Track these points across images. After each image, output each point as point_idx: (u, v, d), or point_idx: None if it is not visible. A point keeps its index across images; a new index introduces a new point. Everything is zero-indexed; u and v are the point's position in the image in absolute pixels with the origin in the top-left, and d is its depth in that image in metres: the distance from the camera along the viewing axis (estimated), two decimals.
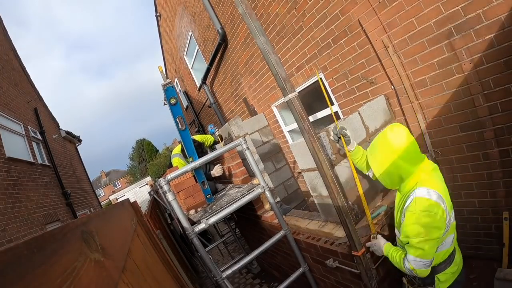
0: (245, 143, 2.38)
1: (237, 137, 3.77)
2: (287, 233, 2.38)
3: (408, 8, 1.99)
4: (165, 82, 2.17)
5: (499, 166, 1.93)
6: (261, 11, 3.46)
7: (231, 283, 2.26)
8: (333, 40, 2.69)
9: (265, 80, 4.12)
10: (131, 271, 0.96)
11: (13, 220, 4.55)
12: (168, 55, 9.33)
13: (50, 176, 6.94)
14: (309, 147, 1.68)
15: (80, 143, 11.27)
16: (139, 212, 2.25)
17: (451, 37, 1.83)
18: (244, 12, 1.59)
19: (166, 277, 1.59)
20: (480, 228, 2.22)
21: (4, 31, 7.60)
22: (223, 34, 4.55)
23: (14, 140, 5.95)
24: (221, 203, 2.58)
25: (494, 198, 2.04)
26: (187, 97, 8.88)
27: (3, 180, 4.74)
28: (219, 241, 4.98)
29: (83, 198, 8.82)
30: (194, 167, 2.25)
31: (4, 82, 6.39)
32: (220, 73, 5.55)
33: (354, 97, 2.76)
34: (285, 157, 4.39)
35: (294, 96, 1.62)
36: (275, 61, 1.61)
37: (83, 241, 0.66)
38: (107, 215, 1.10)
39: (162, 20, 8.60)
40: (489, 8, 1.62)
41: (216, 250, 5.60)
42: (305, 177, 2.26)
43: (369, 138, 2.23)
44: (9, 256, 0.37)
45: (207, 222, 2.20)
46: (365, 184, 2.13)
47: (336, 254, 1.97)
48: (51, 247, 0.50)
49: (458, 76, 1.90)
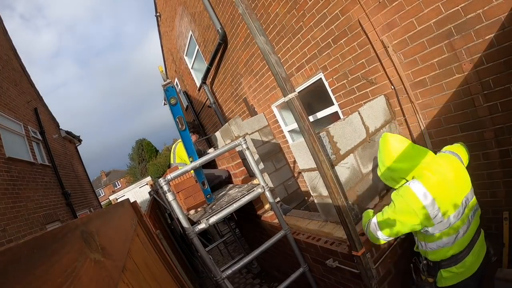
0: (245, 143, 2.38)
1: (237, 137, 3.78)
2: (287, 233, 2.38)
3: (408, 8, 1.99)
4: (165, 82, 2.17)
5: (499, 166, 1.93)
6: (261, 11, 3.46)
7: (231, 283, 2.26)
8: (333, 40, 2.69)
9: (265, 80, 4.12)
10: (131, 271, 0.96)
11: (13, 220, 4.55)
12: (168, 55, 9.33)
13: (50, 176, 6.94)
14: (309, 147, 1.68)
15: (80, 143, 11.27)
16: (139, 212, 2.25)
17: (451, 37, 1.83)
18: (244, 12, 1.59)
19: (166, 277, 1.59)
20: None
21: (4, 31, 7.60)
22: (223, 34, 4.55)
23: (14, 140, 5.95)
24: (221, 203, 2.58)
25: (494, 198, 2.03)
26: (187, 97, 8.87)
27: (3, 180, 4.74)
28: (219, 241, 4.98)
29: (83, 198, 8.82)
30: (194, 167, 2.25)
31: (4, 82, 6.39)
32: (220, 73, 5.55)
33: (354, 97, 2.76)
34: (285, 157, 4.39)
35: (294, 96, 1.62)
36: (275, 61, 1.61)
37: (83, 241, 0.66)
38: (107, 215, 1.10)
39: (162, 20, 8.59)
40: (489, 8, 1.62)
41: (216, 250, 5.60)
42: (305, 177, 2.26)
43: (369, 138, 2.23)
44: (9, 256, 0.37)
45: (207, 222, 2.20)
46: (366, 184, 2.14)
47: (336, 254, 1.97)
48: (51, 247, 0.50)
49: (458, 76, 1.90)
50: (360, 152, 2.14)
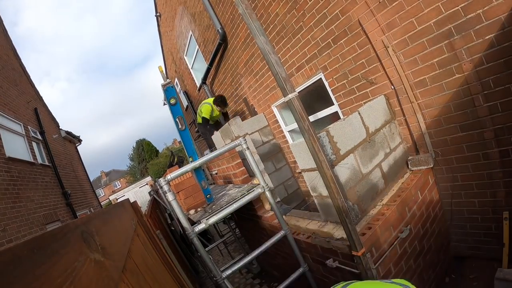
0: (245, 143, 2.38)
1: (237, 137, 3.78)
2: (287, 233, 2.38)
3: (408, 8, 1.99)
4: (165, 82, 2.17)
5: (499, 166, 1.93)
6: (261, 11, 3.46)
7: (231, 283, 2.26)
8: (333, 40, 2.69)
9: (265, 80, 4.12)
10: (131, 271, 0.96)
11: (13, 220, 4.55)
12: (168, 55, 9.33)
13: (50, 176, 6.93)
14: (309, 147, 1.68)
15: (80, 143, 11.27)
16: (139, 212, 2.25)
17: (451, 37, 1.84)
18: (244, 12, 1.59)
19: (166, 277, 1.59)
20: (480, 228, 2.22)
21: (4, 31, 7.60)
22: (223, 34, 4.55)
23: (14, 140, 5.95)
24: (221, 203, 2.58)
25: (494, 198, 2.04)
26: (187, 97, 8.87)
27: (3, 180, 4.73)
28: (219, 241, 4.98)
29: (83, 198, 8.82)
30: (194, 167, 2.25)
31: (4, 82, 6.39)
32: (220, 73, 5.55)
33: (354, 97, 2.76)
34: (285, 157, 4.39)
35: (294, 96, 1.62)
36: (275, 61, 1.61)
37: (83, 241, 0.66)
38: (107, 215, 1.10)
39: (162, 20, 8.59)
40: (489, 8, 1.62)
41: (216, 250, 5.60)
42: (305, 177, 2.26)
43: (369, 138, 2.23)
44: (9, 256, 0.37)
45: (207, 222, 2.20)
46: (366, 184, 2.14)
47: (336, 254, 1.97)
48: (51, 247, 0.50)
49: (458, 76, 1.90)
50: (360, 152, 2.14)
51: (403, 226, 2.03)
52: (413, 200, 2.17)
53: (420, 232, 2.18)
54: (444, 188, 2.36)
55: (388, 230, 1.94)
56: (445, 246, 2.42)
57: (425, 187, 2.31)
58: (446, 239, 2.44)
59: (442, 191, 2.38)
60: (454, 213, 2.36)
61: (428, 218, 2.27)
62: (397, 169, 2.40)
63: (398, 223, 2.01)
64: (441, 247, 2.36)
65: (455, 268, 2.37)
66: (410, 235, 2.06)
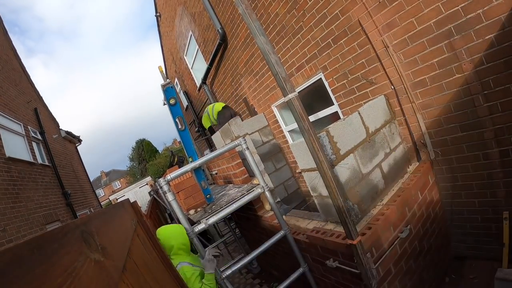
0: (245, 143, 2.37)
1: (237, 137, 3.78)
2: (287, 233, 2.38)
3: (408, 8, 1.99)
4: (165, 82, 2.17)
5: (499, 166, 1.93)
6: (261, 11, 3.46)
7: (231, 283, 2.26)
8: (333, 40, 2.70)
9: (265, 80, 4.12)
10: (131, 271, 0.96)
11: (13, 220, 4.55)
12: (168, 55, 9.33)
13: (50, 176, 6.93)
14: (309, 147, 1.68)
15: (80, 143, 11.27)
16: (139, 212, 2.24)
17: (451, 37, 1.84)
18: (244, 12, 1.59)
19: (166, 277, 1.59)
20: (480, 228, 2.22)
21: (4, 31, 7.60)
22: (223, 34, 4.55)
23: (14, 140, 5.95)
24: (221, 203, 2.58)
25: (494, 198, 2.04)
26: (187, 97, 8.87)
27: (3, 180, 4.74)
28: (219, 241, 4.98)
29: (83, 198, 8.81)
30: (194, 167, 2.25)
31: (4, 82, 6.38)
32: (220, 73, 5.55)
33: (354, 97, 2.76)
34: (285, 157, 4.39)
35: (294, 96, 1.62)
36: (275, 61, 1.61)
37: (83, 241, 0.66)
38: (107, 215, 1.10)
39: (162, 20, 8.59)
40: (489, 8, 1.62)
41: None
42: (305, 177, 2.26)
43: (369, 138, 2.23)
44: (9, 256, 0.37)
45: (207, 222, 2.20)
46: (366, 184, 2.14)
47: (336, 254, 1.97)
48: (51, 247, 0.50)
49: (458, 76, 1.90)
50: (360, 152, 2.14)
51: (403, 226, 2.03)
52: (413, 200, 2.17)
53: (420, 232, 2.17)
54: (444, 188, 2.36)
55: (388, 230, 1.94)
56: (445, 246, 2.42)
57: (425, 187, 2.31)
58: (446, 239, 2.44)
59: (442, 191, 2.38)
60: (454, 213, 2.36)
61: (428, 218, 2.26)
62: (397, 169, 2.40)
63: (398, 223, 2.01)
64: (441, 247, 2.36)
65: (455, 268, 2.37)
66: (410, 235, 2.06)
